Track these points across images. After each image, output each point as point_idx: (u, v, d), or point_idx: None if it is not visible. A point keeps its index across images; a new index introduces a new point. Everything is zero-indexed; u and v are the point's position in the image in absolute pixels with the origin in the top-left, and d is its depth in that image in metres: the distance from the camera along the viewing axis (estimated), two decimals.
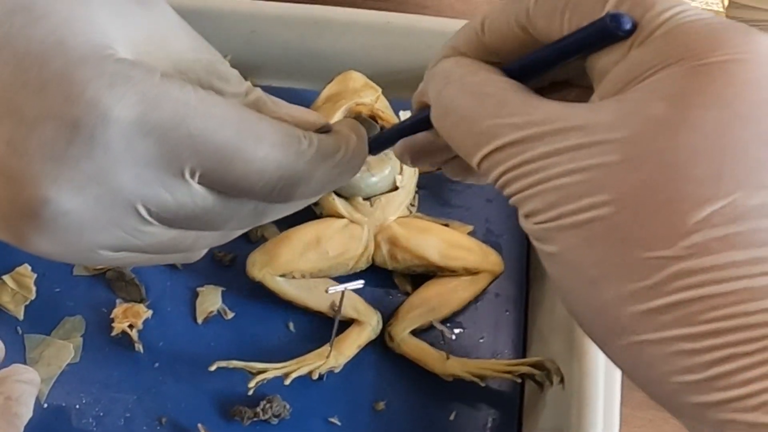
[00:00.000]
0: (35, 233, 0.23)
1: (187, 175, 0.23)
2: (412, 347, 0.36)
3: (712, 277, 0.16)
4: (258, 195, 0.24)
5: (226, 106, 0.24)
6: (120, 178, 0.22)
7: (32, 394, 0.31)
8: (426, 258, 0.37)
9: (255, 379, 0.34)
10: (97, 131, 0.22)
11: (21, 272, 0.38)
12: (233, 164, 0.23)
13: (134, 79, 0.22)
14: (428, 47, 0.41)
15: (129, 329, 0.36)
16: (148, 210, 0.23)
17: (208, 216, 0.24)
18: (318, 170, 0.25)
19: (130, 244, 0.24)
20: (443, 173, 0.28)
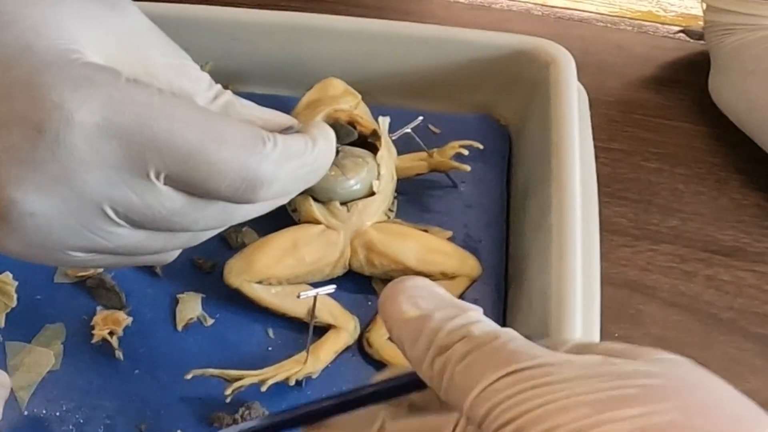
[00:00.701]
0: (4, 234, 0.23)
1: (152, 176, 0.24)
2: (391, 353, 0.36)
3: None
4: (223, 196, 0.25)
5: (190, 109, 0.24)
6: (86, 180, 0.23)
7: (2, 397, 0.31)
8: (403, 263, 0.37)
9: (232, 386, 0.34)
10: (61, 134, 0.22)
11: (2, 280, 0.38)
12: (197, 166, 0.24)
13: (98, 83, 0.23)
14: (408, 53, 0.42)
15: (109, 336, 0.36)
16: (116, 211, 0.24)
17: (176, 217, 0.25)
18: (282, 171, 0.25)
19: (100, 246, 0.25)
20: None
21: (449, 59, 0.42)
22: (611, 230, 0.43)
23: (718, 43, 0.46)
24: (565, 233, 0.35)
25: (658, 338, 0.40)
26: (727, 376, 0.39)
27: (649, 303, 0.41)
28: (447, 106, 0.43)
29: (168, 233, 0.26)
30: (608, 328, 0.38)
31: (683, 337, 0.40)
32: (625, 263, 0.42)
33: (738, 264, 0.42)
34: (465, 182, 0.41)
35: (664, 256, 0.42)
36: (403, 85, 0.43)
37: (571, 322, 0.33)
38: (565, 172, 0.37)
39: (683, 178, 0.44)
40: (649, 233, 0.43)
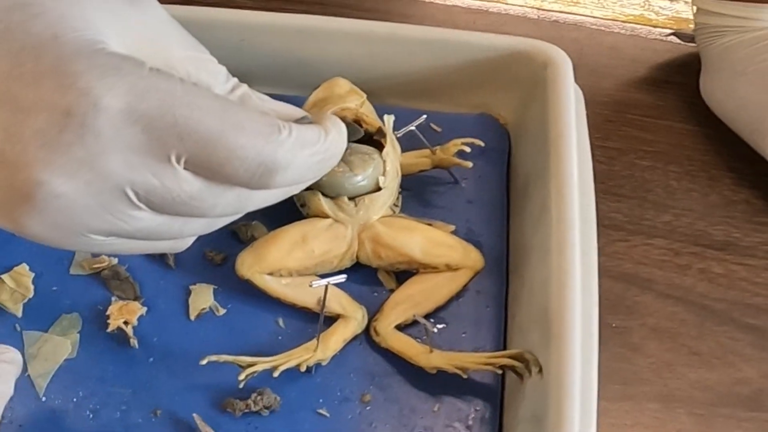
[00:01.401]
0: (29, 216, 0.24)
1: (173, 160, 0.25)
2: (397, 341, 0.38)
3: None
4: (240, 181, 0.26)
5: (210, 97, 0.25)
6: (109, 164, 0.24)
7: (12, 373, 0.32)
8: (409, 255, 0.38)
9: (245, 372, 0.35)
10: (88, 119, 0.23)
11: (19, 271, 0.39)
12: (216, 151, 0.25)
13: (124, 71, 0.24)
14: (410, 54, 0.43)
15: (124, 325, 0.37)
16: (137, 194, 0.25)
17: (194, 201, 0.26)
18: (297, 158, 0.26)
19: (119, 229, 0.26)
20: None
21: (450, 60, 0.44)
22: (607, 225, 0.44)
23: (708, 45, 0.47)
24: (564, 227, 0.36)
25: (654, 328, 0.42)
26: (720, 365, 0.41)
27: (645, 295, 0.43)
28: (448, 106, 0.45)
29: (185, 218, 0.27)
30: (605, 318, 0.40)
31: (678, 327, 0.42)
32: (621, 257, 0.44)
33: (730, 257, 0.44)
34: (466, 179, 0.43)
35: (658, 250, 0.44)
36: (406, 85, 0.45)
37: (570, 311, 0.34)
38: (564, 168, 0.38)
39: (675, 175, 0.46)
40: (644, 228, 0.45)
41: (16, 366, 0.32)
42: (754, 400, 0.40)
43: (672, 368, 0.41)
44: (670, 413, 0.40)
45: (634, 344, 0.42)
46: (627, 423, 0.40)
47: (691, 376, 0.41)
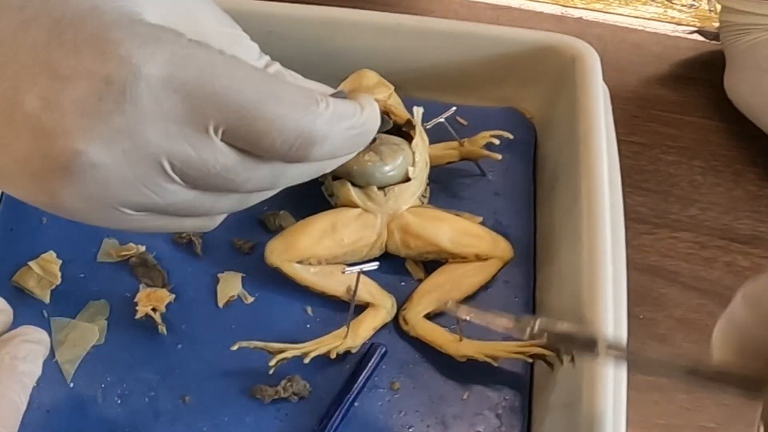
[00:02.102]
0: (64, 187, 0.24)
1: (211, 131, 0.24)
2: (426, 330, 0.37)
3: None
4: (277, 152, 0.26)
5: (249, 69, 0.25)
6: (147, 133, 0.24)
7: (40, 353, 0.31)
8: (438, 245, 0.38)
9: (275, 358, 0.35)
10: (127, 87, 0.23)
11: (47, 258, 0.39)
12: (255, 122, 0.25)
13: (164, 40, 0.24)
14: (438, 47, 0.43)
15: (152, 312, 0.37)
16: (173, 166, 0.25)
17: (229, 174, 0.26)
18: (334, 130, 0.26)
19: (152, 203, 0.25)
20: None
21: (477, 54, 0.44)
22: (633, 218, 0.44)
23: (734, 42, 0.48)
24: (594, 218, 0.36)
25: (680, 320, 0.42)
26: None
27: (671, 287, 0.43)
28: (474, 99, 0.45)
29: (217, 194, 0.27)
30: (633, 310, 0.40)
31: (705, 319, 0.42)
32: (647, 249, 0.44)
33: (756, 251, 0.44)
34: (493, 171, 0.43)
35: (684, 243, 0.44)
36: (432, 78, 0.45)
37: (602, 302, 0.34)
38: (593, 161, 0.38)
39: (700, 170, 0.46)
40: (669, 221, 0.45)
41: (44, 346, 0.32)
42: None
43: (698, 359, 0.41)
44: (699, 404, 0.40)
45: (661, 335, 0.42)
46: (656, 413, 0.40)
47: None
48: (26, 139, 0.24)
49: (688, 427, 0.39)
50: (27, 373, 0.30)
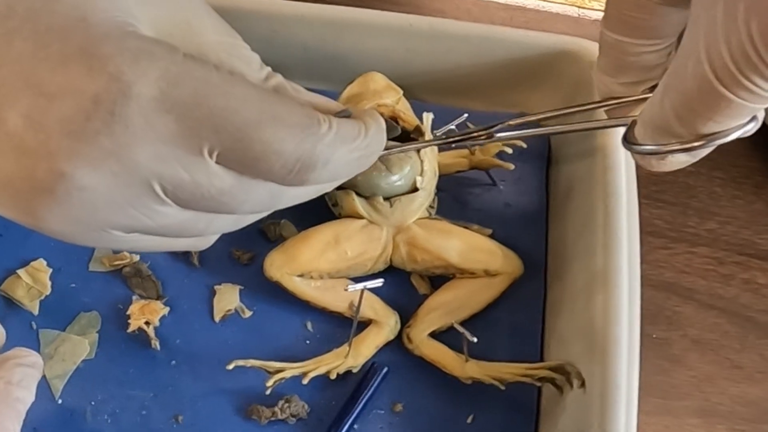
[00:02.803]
0: (49, 210, 0.23)
1: (205, 153, 0.23)
2: (431, 349, 0.36)
3: None
4: (275, 176, 0.24)
5: (247, 87, 0.24)
6: (138, 155, 0.22)
7: (34, 377, 0.30)
8: (446, 259, 0.37)
9: (273, 378, 0.34)
10: (117, 107, 0.22)
11: (36, 267, 0.37)
12: (252, 144, 0.23)
13: (156, 56, 0.22)
14: (449, 50, 0.41)
15: (146, 326, 0.36)
16: (164, 189, 0.23)
17: (224, 197, 0.24)
18: (336, 154, 0.25)
19: (143, 225, 0.24)
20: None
21: (491, 58, 0.42)
22: (649, 232, 0.42)
23: None
24: (611, 234, 0.35)
25: (695, 340, 0.40)
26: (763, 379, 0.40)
27: (687, 305, 0.41)
28: (486, 105, 0.43)
29: (212, 215, 0.26)
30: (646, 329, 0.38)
31: (720, 339, 0.40)
32: (663, 265, 0.42)
33: None
34: (504, 181, 0.41)
35: (701, 259, 0.42)
36: (443, 82, 0.43)
37: (617, 324, 0.33)
38: (611, 173, 0.36)
39: (720, 181, 0.44)
40: (687, 236, 0.43)
41: (38, 370, 0.30)
42: None
43: (713, 382, 0.40)
44: (711, 428, 0.38)
45: (675, 356, 0.40)
46: None
47: (733, 391, 0.39)
48: (9, 158, 0.22)
49: None
50: (21, 399, 0.29)
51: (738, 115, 0.23)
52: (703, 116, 0.23)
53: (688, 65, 0.22)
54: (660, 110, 0.24)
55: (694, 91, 0.22)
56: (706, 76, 0.22)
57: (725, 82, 0.21)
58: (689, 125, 0.23)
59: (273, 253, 0.37)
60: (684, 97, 0.23)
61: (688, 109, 0.23)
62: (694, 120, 0.23)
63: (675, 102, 0.23)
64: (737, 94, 0.22)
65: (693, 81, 0.22)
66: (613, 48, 0.29)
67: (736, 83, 0.21)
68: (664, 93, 0.24)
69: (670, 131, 0.24)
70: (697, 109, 0.23)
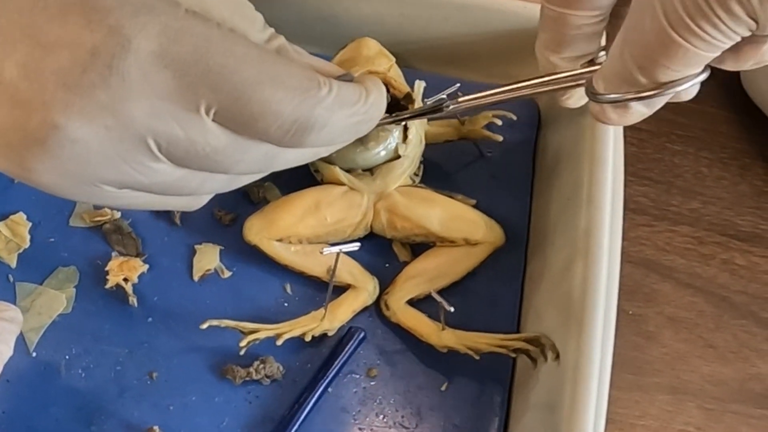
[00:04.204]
0: (40, 161, 0.22)
1: (202, 111, 0.23)
2: (408, 317, 0.36)
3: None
4: (272, 137, 0.24)
5: (248, 46, 0.23)
6: (133, 110, 0.22)
7: (13, 332, 0.30)
8: (426, 227, 0.37)
9: (246, 338, 0.34)
10: (115, 60, 0.21)
11: (15, 220, 0.37)
12: (250, 104, 0.23)
13: (158, 11, 0.22)
14: (445, 19, 0.41)
15: (124, 282, 0.36)
16: (159, 145, 0.23)
17: (219, 156, 0.24)
18: (334, 117, 0.25)
19: (135, 181, 0.24)
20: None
21: (486, 28, 0.41)
22: (632, 209, 0.42)
23: None
24: (595, 210, 0.35)
25: (671, 318, 0.41)
26: (735, 360, 0.40)
27: (665, 283, 0.41)
28: (479, 75, 0.42)
29: (205, 174, 0.25)
30: (622, 305, 0.39)
31: (695, 318, 0.41)
32: (644, 242, 0.42)
33: (754, 249, 0.42)
34: (491, 152, 0.41)
35: (682, 238, 0.42)
36: (437, 50, 0.42)
37: (594, 299, 0.33)
38: (599, 149, 0.36)
39: (707, 161, 0.44)
40: (669, 214, 0.43)
41: (17, 324, 0.30)
42: (766, 397, 0.39)
43: (686, 360, 0.40)
44: (681, 406, 0.39)
45: (649, 333, 0.40)
46: (636, 414, 0.39)
47: (705, 370, 0.40)
48: (2, 108, 0.22)
49: (668, 428, 0.38)
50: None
51: (693, 63, 0.25)
52: (661, 64, 0.25)
53: (645, 20, 0.24)
54: (621, 62, 0.26)
55: (652, 42, 0.24)
56: (663, 28, 0.24)
57: (680, 32, 0.24)
58: (649, 74, 0.26)
59: (252, 218, 0.36)
60: (644, 49, 0.25)
61: (648, 59, 0.25)
62: (653, 68, 0.25)
63: (635, 53, 0.25)
64: (691, 42, 0.24)
65: (651, 33, 0.24)
66: (555, 22, 0.30)
67: (690, 32, 0.23)
68: (623, 46, 0.26)
69: (631, 81, 0.26)
70: (656, 58, 0.25)
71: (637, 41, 0.25)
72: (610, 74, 0.27)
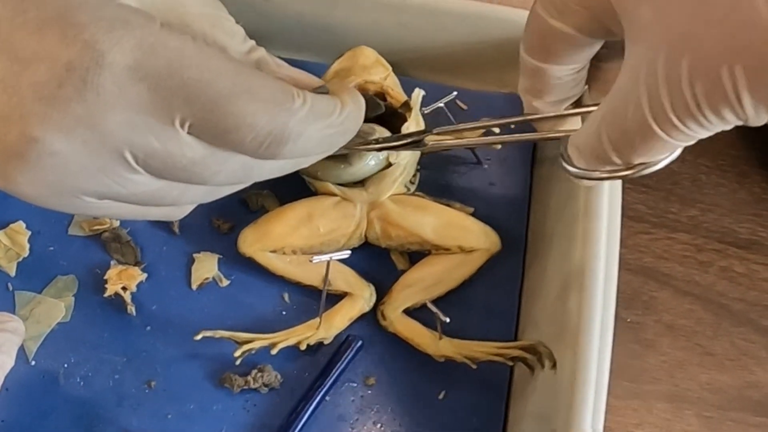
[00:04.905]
0: (20, 173, 0.23)
1: (177, 124, 0.23)
2: (405, 326, 0.36)
3: None
4: (247, 149, 0.24)
5: (222, 59, 0.24)
6: (110, 123, 0.22)
7: (15, 343, 0.31)
8: (419, 235, 0.37)
9: (241, 348, 0.34)
10: (90, 74, 0.22)
11: (15, 229, 0.37)
12: (224, 116, 0.23)
13: (133, 25, 0.22)
14: (443, 28, 0.41)
15: (122, 291, 0.36)
16: (136, 157, 0.23)
17: (196, 168, 0.24)
18: (309, 129, 0.25)
19: (114, 192, 0.24)
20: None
21: (484, 36, 0.41)
22: (630, 216, 0.42)
23: None
24: (591, 217, 0.35)
25: (669, 325, 0.41)
26: (733, 367, 0.40)
27: (663, 290, 0.41)
28: (476, 83, 0.43)
29: (185, 185, 0.26)
30: (620, 313, 0.39)
31: (694, 326, 0.41)
32: (642, 250, 0.42)
33: (753, 257, 0.42)
34: (489, 160, 0.41)
35: (680, 245, 0.42)
36: (434, 59, 0.42)
37: (591, 308, 0.33)
38: None
39: (705, 169, 0.44)
40: (668, 221, 0.43)
41: (19, 336, 0.31)
42: (765, 405, 0.39)
43: (684, 368, 0.40)
44: (679, 413, 0.39)
45: (648, 341, 0.40)
46: (634, 422, 0.39)
47: (703, 377, 0.40)
48: None
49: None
50: (0, 364, 0.30)
51: (670, 149, 0.25)
52: (639, 152, 0.25)
53: (629, 107, 0.24)
54: (597, 141, 0.26)
55: (633, 130, 0.25)
56: (646, 120, 0.24)
57: (664, 126, 0.24)
58: (624, 157, 0.26)
59: (246, 230, 0.37)
60: (623, 134, 0.25)
61: (626, 145, 0.25)
62: (630, 154, 0.26)
63: (613, 136, 0.26)
64: (672, 135, 0.24)
65: (632, 122, 0.24)
66: (534, 73, 0.30)
67: (674, 128, 0.24)
68: (601, 125, 0.26)
69: (605, 159, 0.27)
70: (635, 146, 0.25)
71: (617, 126, 0.25)
72: (585, 149, 0.27)
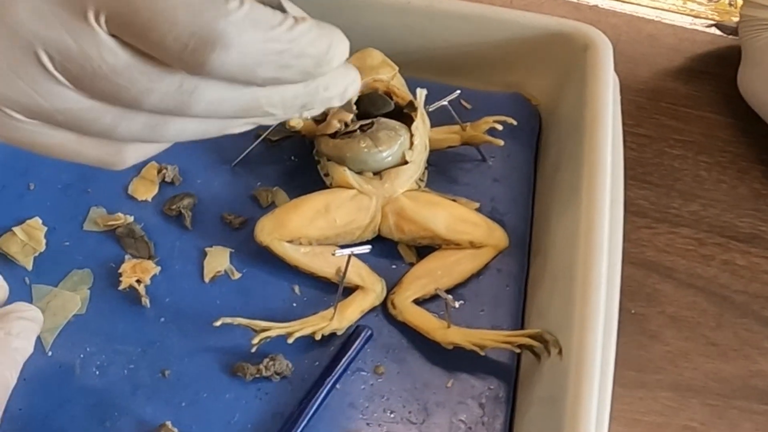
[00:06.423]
0: None
1: (91, 18, 0.21)
2: (414, 315, 0.37)
3: None
4: (169, 52, 0.22)
5: None
6: (17, 13, 0.21)
7: (33, 330, 0.31)
8: (432, 230, 0.38)
9: (258, 336, 0.35)
10: None
11: (32, 225, 0.38)
12: (140, 9, 0.21)
13: None
14: (447, 29, 0.42)
15: (137, 284, 0.36)
16: (51, 58, 0.22)
17: (121, 79, 0.22)
18: (243, 37, 0.22)
19: (36, 105, 0.23)
20: None
21: (487, 37, 0.42)
22: (633, 211, 0.43)
23: (753, 37, 0.46)
24: (593, 211, 0.36)
25: (672, 317, 0.41)
26: (736, 357, 0.41)
27: (666, 283, 0.42)
28: (479, 83, 0.44)
29: (119, 110, 0.23)
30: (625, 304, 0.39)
31: (697, 317, 0.41)
32: (645, 244, 0.43)
33: (754, 250, 0.43)
34: (494, 157, 0.42)
35: (683, 239, 0.43)
36: (439, 59, 0.43)
37: (595, 297, 0.34)
38: (597, 153, 0.37)
39: (705, 165, 0.45)
40: (670, 216, 0.44)
41: (38, 324, 0.31)
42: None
43: (688, 358, 0.41)
44: (684, 402, 0.40)
45: (652, 332, 0.41)
46: (640, 410, 0.39)
47: (707, 367, 0.40)
48: None
49: (671, 425, 0.39)
50: (20, 349, 0.30)
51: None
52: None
53: None
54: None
55: None
56: None
57: None
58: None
59: (264, 219, 0.37)
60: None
61: None
62: None
63: None
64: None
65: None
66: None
67: None
68: None
69: None
70: None
71: None
72: None
